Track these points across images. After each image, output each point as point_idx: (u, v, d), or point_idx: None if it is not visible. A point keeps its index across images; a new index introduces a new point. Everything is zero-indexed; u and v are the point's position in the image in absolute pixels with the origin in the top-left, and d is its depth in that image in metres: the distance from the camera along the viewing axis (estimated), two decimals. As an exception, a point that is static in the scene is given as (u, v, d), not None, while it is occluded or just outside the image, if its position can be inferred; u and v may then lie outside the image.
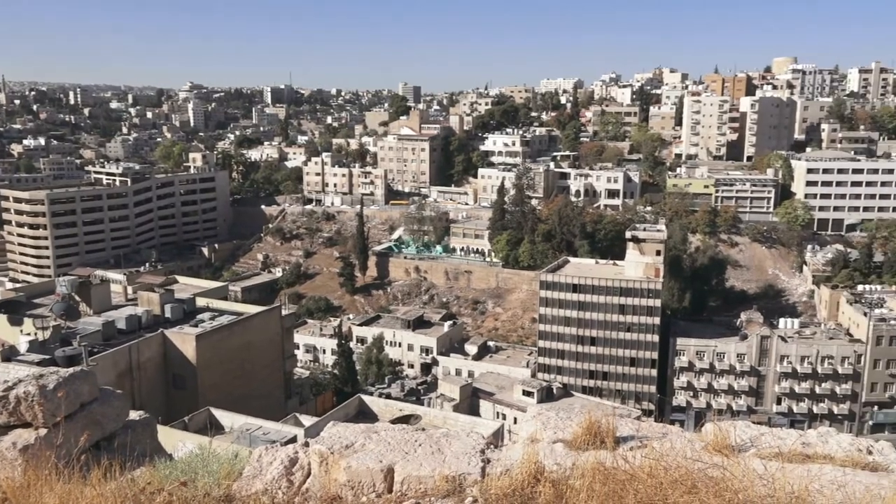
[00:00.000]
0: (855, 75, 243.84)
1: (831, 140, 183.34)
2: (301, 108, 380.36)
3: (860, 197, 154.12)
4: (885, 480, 5.43)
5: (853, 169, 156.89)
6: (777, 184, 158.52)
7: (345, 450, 6.27)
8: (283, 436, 40.87)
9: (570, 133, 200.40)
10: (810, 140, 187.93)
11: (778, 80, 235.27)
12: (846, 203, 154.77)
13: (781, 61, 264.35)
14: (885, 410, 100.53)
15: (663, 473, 4.93)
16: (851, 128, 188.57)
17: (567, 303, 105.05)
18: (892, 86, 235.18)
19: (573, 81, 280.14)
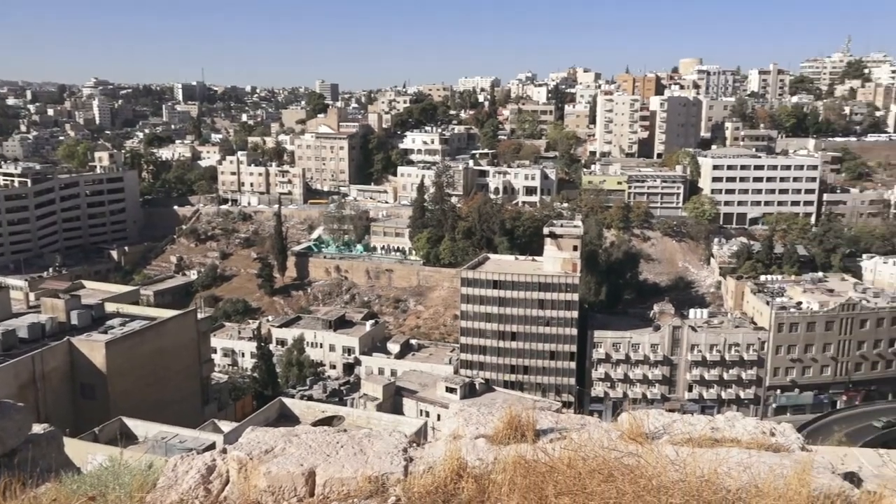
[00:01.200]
0: (755, 76, 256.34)
1: (734, 138, 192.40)
2: (214, 106, 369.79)
3: (761, 192, 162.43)
4: (787, 460, 5.73)
5: (754, 165, 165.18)
6: (685, 180, 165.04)
7: (264, 455, 6.13)
8: (200, 443, 39.69)
9: (488, 131, 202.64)
10: (715, 138, 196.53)
11: (685, 81, 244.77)
12: (749, 198, 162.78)
13: (688, 62, 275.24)
14: (787, 393, 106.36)
15: (581, 463, 5.04)
16: (752, 126, 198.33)
17: (488, 299, 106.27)
18: (789, 86, 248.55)
19: (490, 80, 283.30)
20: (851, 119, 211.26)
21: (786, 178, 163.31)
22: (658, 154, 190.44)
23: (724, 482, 4.78)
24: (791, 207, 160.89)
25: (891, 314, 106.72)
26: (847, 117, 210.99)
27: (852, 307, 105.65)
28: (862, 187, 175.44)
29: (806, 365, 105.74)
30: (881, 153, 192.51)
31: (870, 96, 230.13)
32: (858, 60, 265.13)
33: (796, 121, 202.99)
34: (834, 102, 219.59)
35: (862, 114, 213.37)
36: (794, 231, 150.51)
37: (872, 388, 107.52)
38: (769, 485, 4.85)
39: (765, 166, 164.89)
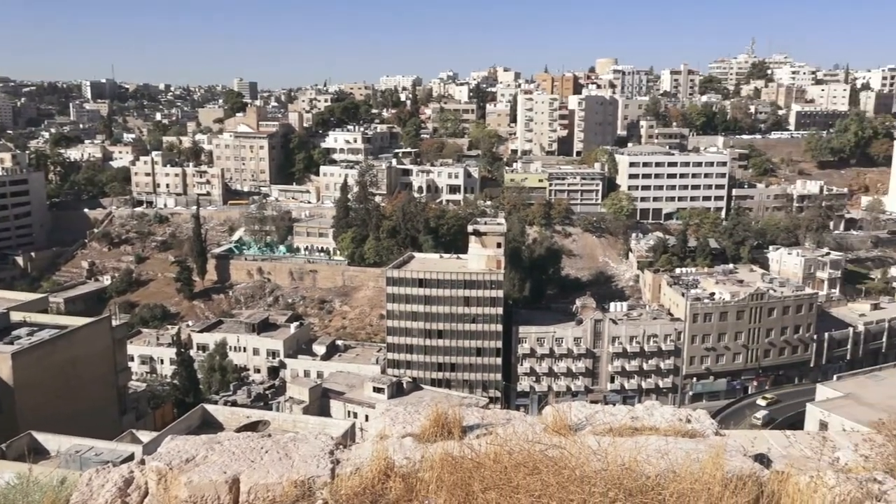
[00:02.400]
0: (667, 76, 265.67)
1: (649, 136, 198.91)
2: (126, 104, 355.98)
3: (675, 188, 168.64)
4: (702, 445, 5.97)
5: (668, 162, 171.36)
6: (604, 177, 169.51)
7: (185, 464, 5.95)
8: (118, 455, 38.17)
9: (410, 130, 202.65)
10: (631, 136, 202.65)
11: (601, 80, 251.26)
12: (664, 194, 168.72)
13: (604, 62, 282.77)
14: (703, 381, 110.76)
15: (507, 458, 5.12)
16: (666, 124, 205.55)
17: (414, 298, 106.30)
18: (699, 86, 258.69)
19: (412, 79, 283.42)
20: (757, 117, 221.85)
21: (697, 174, 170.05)
22: (577, 152, 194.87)
23: (644, 469, 4.94)
24: (703, 202, 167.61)
25: (795, 302, 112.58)
26: (752, 116, 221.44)
27: (760, 297, 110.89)
28: (767, 182, 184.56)
29: (719, 353, 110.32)
30: (784, 150, 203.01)
31: (773, 96, 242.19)
32: (762, 62, 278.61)
33: (706, 119, 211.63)
34: (740, 102, 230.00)
35: (766, 112, 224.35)
36: (706, 225, 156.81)
37: (780, 373, 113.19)
38: (686, 469, 5.04)
39: (678, 163, 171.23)
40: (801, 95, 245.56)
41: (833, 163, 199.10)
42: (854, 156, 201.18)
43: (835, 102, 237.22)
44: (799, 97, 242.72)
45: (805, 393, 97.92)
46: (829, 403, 79.91)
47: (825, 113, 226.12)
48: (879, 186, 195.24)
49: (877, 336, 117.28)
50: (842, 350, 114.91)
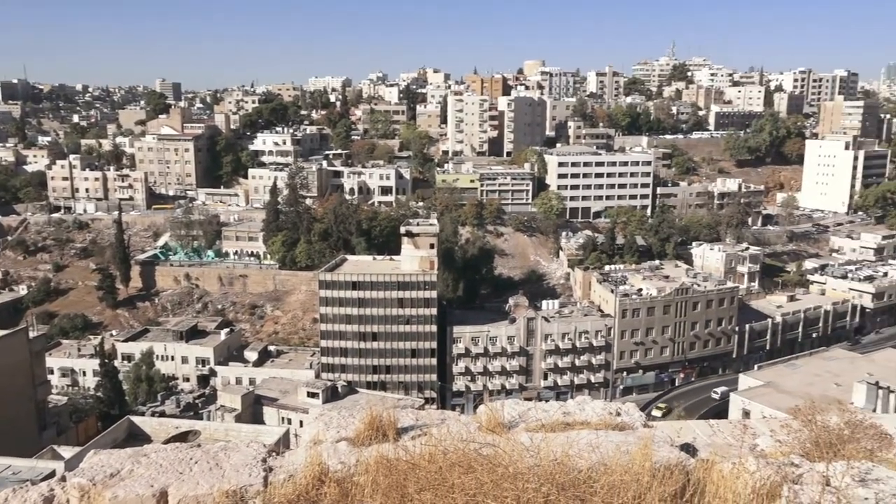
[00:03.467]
0: (593, 78, 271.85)
1: (577, 136, 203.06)
2: (40, 106, 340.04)
3: (603, 187, 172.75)
4: (632, 437, 6.13)
5: (596, 162, 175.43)
6: (534, 177, 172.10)
7: (110, 479, 5.74)
8: (37, 473, 36.50)
9: (341, 131, 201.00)
10: (560, 136, 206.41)
11: (530, 82, 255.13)
12: (592, 193, 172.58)
13: (532, 64, 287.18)
14: (633, 375, 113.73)
15: (442, 458, 5.13)
16: (593, 125, 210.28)
17: (347, 300, 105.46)
18: (623, 87, 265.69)
19: (342, 80, 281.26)
20: (678, 118, 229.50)
21: (624, 173, 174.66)
22: (508, 152, 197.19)
23: (576, 463, 5.04)
24: (629, 201, 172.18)
25: (718, 296, 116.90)
26: (675, 116, 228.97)
27: (685, 291, 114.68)
28: (689, 181, 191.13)
29: (648, 347, 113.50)
30: (704, 149, 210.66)
31: (693, 97, 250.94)
32: (682, 64, 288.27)
33: (631, 120, 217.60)
34: (663, 103, 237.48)
35: (687, 113, 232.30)
36: (632, 223, 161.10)
37: (705, 365, 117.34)
38: (616, 461, 5.17)
39: (605, 163, 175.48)
40: (720, 97, 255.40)
41: (750, 161, 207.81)
42: (769, 154, 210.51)
43: (751, 103, 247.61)
44: (717, 98, 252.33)
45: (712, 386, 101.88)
46: (751, 392, 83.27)
47: (742, 113, 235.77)
48: (793, 183, 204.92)
49: (793, 326, 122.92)
50: (761, 341, 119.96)
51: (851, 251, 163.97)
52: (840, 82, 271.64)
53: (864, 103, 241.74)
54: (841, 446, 6.75)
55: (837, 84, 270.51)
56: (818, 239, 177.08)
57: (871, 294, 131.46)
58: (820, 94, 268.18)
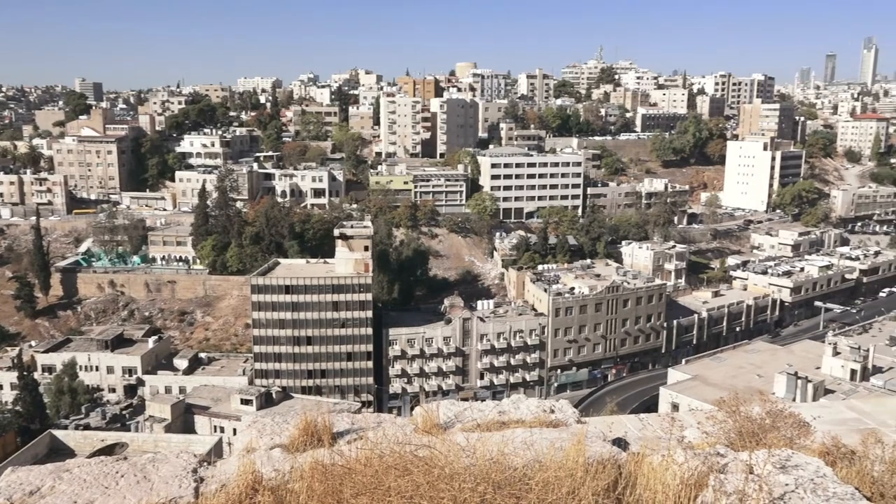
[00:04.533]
0: (524, 80, 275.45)
1: (509, 137, 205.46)
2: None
3: (535, 188, 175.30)
4: (565, 433, 6.24)
5: (528, 163, 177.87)
6: (467, 178, 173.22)
7: (29, 497, 5.49)
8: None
9: (271, 133, 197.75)
10: (492, 138, 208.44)
11: (462, 83, 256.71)
12: (524, 193, 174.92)
13: (463, 66, 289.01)
14: (567, 372, 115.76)
15: (378, 461, 5.11)
16: (524, 127, 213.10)
17: (280, 305, 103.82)
18: (553, 90, 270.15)
19: (272, 81, 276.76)
20: (607, 120, 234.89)
21: (555, 174, 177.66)
22: (441, 154, 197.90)
23: (511, 461, 5.09)
24: (561, 201, 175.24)
25: (647, 293, 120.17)
26: (603, 118, 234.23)
27: (616, 289, 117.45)
28: (618, 181, 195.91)
29: (581, 345, 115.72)
30: (632, 150, 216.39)
31: (620, 99, 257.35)
32: (610, 67, 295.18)
33: (561, 121, 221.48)
34: (592, 105, 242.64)
35: (615, 115, 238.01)
36: (564, 223, 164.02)
37: (636, 360, 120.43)
38: (550, 458, 5.25)
39: (536, 164, 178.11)
40: (646, 99, 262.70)
41: (675, 162, 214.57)
42: (693, 155, 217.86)
43: (675, 106, 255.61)
44: (643, 101, 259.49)
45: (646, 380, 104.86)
46: (679, 386, 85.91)
47: (667, 115, 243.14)
48: (716, 183, 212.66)
49: (718, 321, 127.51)
50: (688, 336, 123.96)
51: (770, 248, 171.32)
52: (758, 86, 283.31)
53: (780, 106, 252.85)
54: (763, 435, 7.04)
55: (755, 88, 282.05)
56: (740, 236, 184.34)
57: (789, 288, 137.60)
58: (739, 97, 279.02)
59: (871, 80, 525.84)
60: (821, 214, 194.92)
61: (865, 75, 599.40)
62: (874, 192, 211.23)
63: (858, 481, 6.34)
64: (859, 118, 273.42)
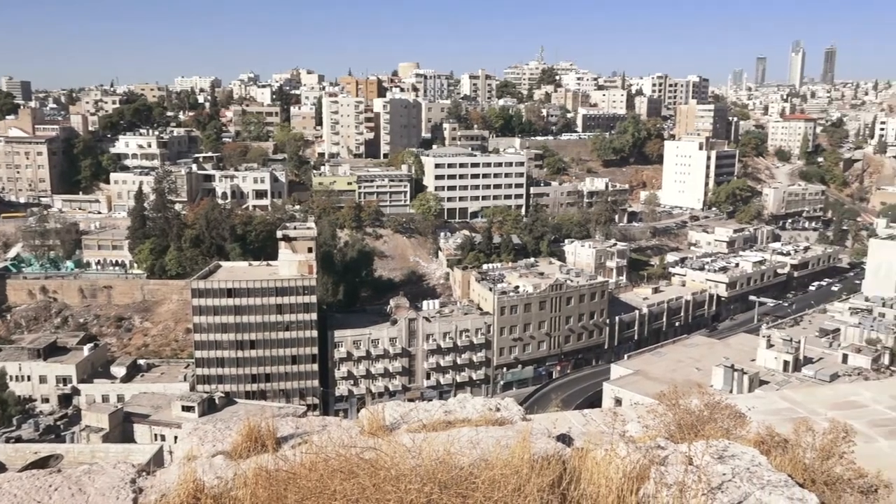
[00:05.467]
0: (466, 80, 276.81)
1: (452, 138, 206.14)
2: None
3: (479, 188, 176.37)
4: (511, 431, 6.29)
5: (471, 163, 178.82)
6: (411, 178, 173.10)
7: (-45, 515, 5.24)
8: None
9: (211, 133, 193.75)
10: (435, 138, 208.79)
11: (404, 84, 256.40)
12: (468, 193, 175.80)
13: (406, 66, 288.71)
14: (512, 370, 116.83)
15: (323, 465, 5.05)
16: (467, 127, 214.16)
17: (222, 308, 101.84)
18: (496, 90, 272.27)
19: (210, 80, 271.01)
20: (549, 120, 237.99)
21: (499, 174, 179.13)
22: (384, 154, 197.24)
23: (457, 460, 5.10)
24: (504, 201, 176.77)
25: (590, 290, 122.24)
26: (545, 118, 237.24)
27: (559, 287, 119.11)
28: (560, 180, 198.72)
29: (526, 343, 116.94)
30: (573, 150, 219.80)
31: (562, 100, 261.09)
32: (551, 68, 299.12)
33: (504, 121, 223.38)
34: (534, 105, 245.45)
35: (556, 115, 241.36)
36: (508, 222, 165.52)
37: (580, 357, 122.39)
38: (496, 456, 5.28)
39: (480, 164, 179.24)
40: (586, 100, 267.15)
41: (615, 161, 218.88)
42: (632, 155, 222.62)
43: (614, 106, 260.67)
44: (584, 101, 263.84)
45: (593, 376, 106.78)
46: (621, 381, 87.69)
47: (607, 116, 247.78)
48: (654, 182, 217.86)
49: (658, 317, 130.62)
50: (630, 332, 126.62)
51: (707, 244, 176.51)
52: (693, 87, 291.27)
53: (715, 107, 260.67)
54: (701, 427, 7.24)
55: (691, 89, 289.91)
56: (678, 234, 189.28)
57: (725, 284, 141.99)
58: (676, 98, 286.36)
59: (798, 83, 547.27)
60: (754, 212, 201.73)
61: (794, 77, 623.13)
62: (803, 190, 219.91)
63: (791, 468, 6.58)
64: (788, 119, 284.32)
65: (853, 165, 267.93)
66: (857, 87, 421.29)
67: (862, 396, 11.49)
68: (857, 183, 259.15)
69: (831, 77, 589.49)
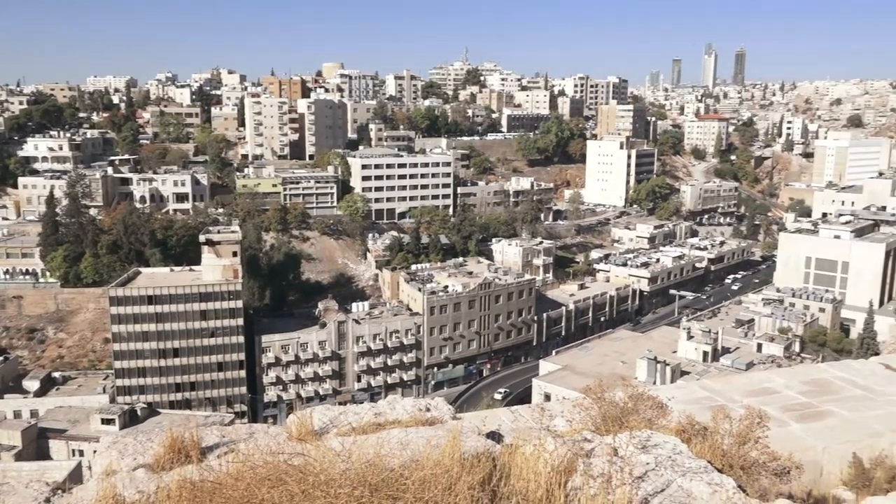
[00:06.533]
0: (392, 81, 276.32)
1: (378, 138, 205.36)
2: None
3: (406, 188, 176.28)
4: (441, 431, 6.30)
5: (398, 164, 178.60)
6: (338, 180, 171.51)
7: None
8: None
9: (127, 135, 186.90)
10: (361, 139, 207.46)
11: (329, 84, 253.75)
12: (396, 194, 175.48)
13: (330, 66, 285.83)
14: (443, 370, 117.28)
15: (250, 474, 4.95)
16: (393, 127, 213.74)
17: (143, 316, 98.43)
18: (421, 91, 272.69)
19: (125, 80, 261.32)
20: (474, 120, 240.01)
21: (426, 174, 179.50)
22: (310, 155, 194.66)
23: (388, 462, 5.08)
24: (432, 201, 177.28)
25: (517, 288, 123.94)
26: (471, 119, 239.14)
27: (488, 286, 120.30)
28: (487, 180, 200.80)
29: (456, 342, 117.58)
30: (499, 150, 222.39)
31: (487, 100, 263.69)
32: (475, 69, 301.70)
33: (430, 122, 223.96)
34: (459, 106, 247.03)
35: (482, 116, 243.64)
36: (436, 222, 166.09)
37: (509, 354, 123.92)
38: (426, 456, 5.29)
39: (407, 164, 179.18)
40: (510, 100, 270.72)
41: (540, 161, 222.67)
42: (556, 154, 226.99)
43: (538, 107, 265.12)
44: (508, 102, 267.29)
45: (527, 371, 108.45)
46: (550, 376, 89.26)
47: (531, 116, 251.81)
48: (578, 181, 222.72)
49: (584, 312, 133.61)
50: (558, 327, 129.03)
51: (629, 241, 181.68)
52: (613, 88, 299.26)
53: (634, 107, 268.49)
54: (625, 419, 7.44)
55: (611, 90, 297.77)
56: (601, 231, 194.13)
57: (647, 279, 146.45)
58: (597, 99, 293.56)
59: (712, 84, 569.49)
60: (672, 208, 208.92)
61: (707, 79, 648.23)
62: (718, 187, 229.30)
63: (710, 455, 6.85)
64: (703, 119, 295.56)
65: (763, 163, 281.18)
66: (766, 89, 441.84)
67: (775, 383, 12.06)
68: (767, 179, 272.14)
69: (741, 78, 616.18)
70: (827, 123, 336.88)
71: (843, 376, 12.39)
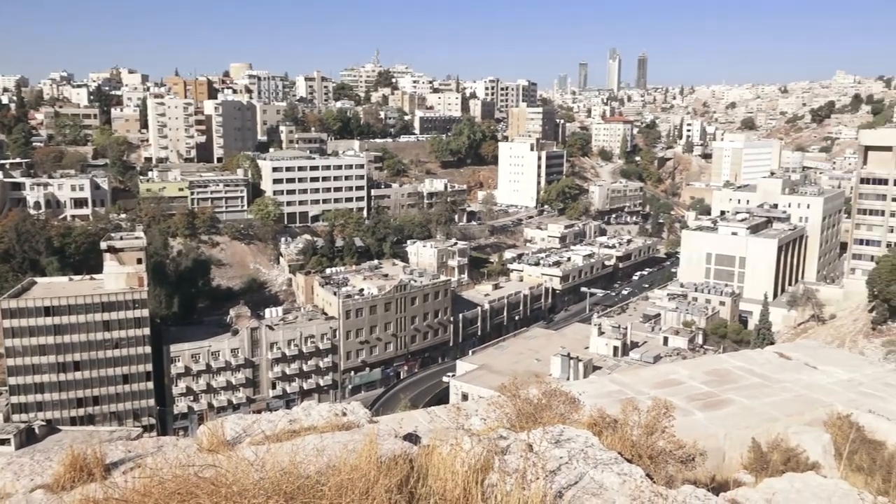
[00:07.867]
0: (302, 82, 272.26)
1: (289, 140, 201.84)
2: None
3: (319, 191, 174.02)
4: (358, 435, 6.26)
5: (310, 166, 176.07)
6: (248, 183, 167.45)
7: None
8: None
9: (18, 138, 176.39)
10: (272, 141, 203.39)
11: (237, 85, 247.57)
12: (308, 197, 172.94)
13: (238, 67, 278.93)
14: (360, 373, 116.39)
15: (158, 489, 4.77)
16: (305, 129, 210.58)
17: (39, 329, 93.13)
18: (333, 92, 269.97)
19: (15, 79, 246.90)
20: (387, 122, 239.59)
21: (339, 176, 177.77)
22: (218, 158, 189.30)
23: (303, 469, 5.00)
24: (346, 203, 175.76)
25: (433, 290, 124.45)
26: (383, 121, 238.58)
27: (404, 288, 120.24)
28: (401, 182, 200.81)
29: (373, 345, 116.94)
30: (412, 152, 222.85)
31: (399, 102, 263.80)
32: (387, 71, 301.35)
33: (342, 124, 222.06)
34: (371, 108, 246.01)
35: (394, 118, 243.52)
36: (350, 225, 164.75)
37: (426, 355, 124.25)
38: (343, 461, 5.24)
39: (319, 167, 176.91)
40: (423, 102, 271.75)
41: (453, 162, 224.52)
42: (469, 156, 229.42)
43: (450, 109, 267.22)
44: (420, 104, 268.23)
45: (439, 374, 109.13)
46: (467, 376, 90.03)
47: (443, 118, 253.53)
48: (490, 182, 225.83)
49: (499, 312, 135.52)
50: (473, 328, 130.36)
51: (541, 240, 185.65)
52: (522, 91, 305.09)
53: (543, 110, 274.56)
54: (539, 415, 7.60)
55: (521, 92, 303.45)
56: (514, 231, 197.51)
57: (559, 277, 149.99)
58: (507, 101, 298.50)
59: (616, 87, 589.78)
60: (582, 208, 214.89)
61: (612, 82, 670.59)
62: (624, 187, 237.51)
63: (620, 446, 7.08)
64: (609, 121, 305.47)
65: (666, 164, 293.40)
66: (667, 92, 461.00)
67: (679, 374, 12.60)
68: (669, 179, 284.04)
69: (644, 82, 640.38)
70: (723, 126, 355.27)
71: (742, 366, 13.08)
